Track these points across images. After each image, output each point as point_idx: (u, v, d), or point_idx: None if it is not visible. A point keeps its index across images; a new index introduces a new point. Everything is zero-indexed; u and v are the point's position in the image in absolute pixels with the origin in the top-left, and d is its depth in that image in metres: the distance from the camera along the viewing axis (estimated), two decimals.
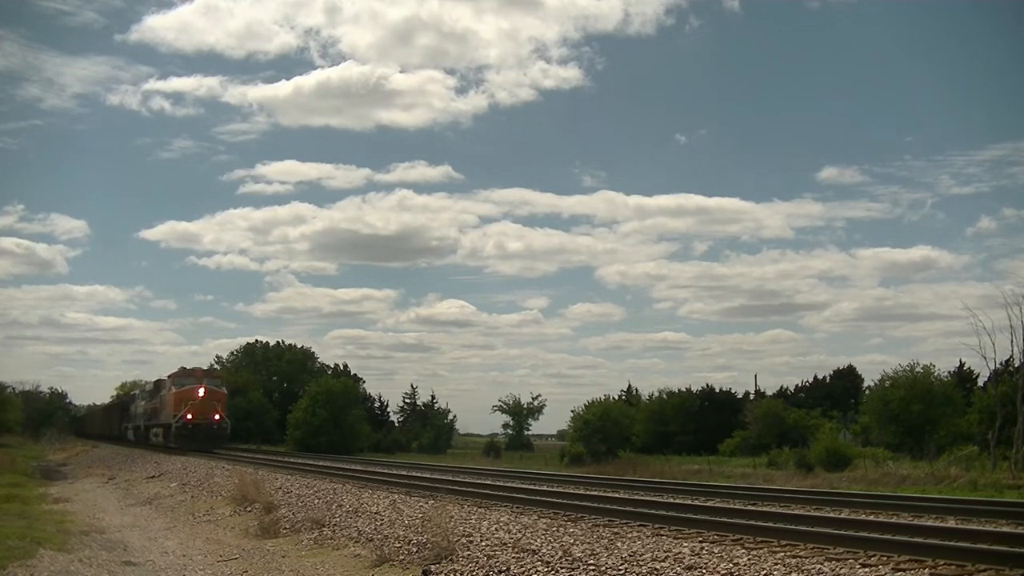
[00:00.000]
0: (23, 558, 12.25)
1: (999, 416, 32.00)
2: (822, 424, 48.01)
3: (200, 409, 40.76)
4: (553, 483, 22.64)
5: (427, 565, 10.64)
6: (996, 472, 27.14)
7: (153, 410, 47.22)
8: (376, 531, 13.34)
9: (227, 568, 12.52)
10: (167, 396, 42.90)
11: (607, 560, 9.59)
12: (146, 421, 49.06)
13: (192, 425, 40.42)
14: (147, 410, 49.37)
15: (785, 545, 10.16)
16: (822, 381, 68.33)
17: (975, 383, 50.64)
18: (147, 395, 50.42)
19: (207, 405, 41.17)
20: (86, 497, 24.71)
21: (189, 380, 42.82)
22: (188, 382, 42.54)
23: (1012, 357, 35.90)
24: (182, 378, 43.08)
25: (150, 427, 47.53)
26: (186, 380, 42.83)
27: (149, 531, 17.00)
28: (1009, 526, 12.03)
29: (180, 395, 41.25)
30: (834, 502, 15.94)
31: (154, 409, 46.84)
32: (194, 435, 40.21)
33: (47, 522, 17.30)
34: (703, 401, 61.22)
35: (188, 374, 43.68)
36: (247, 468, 23.33)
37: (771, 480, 27.87)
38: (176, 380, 42.80)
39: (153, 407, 47.38)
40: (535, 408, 74.17)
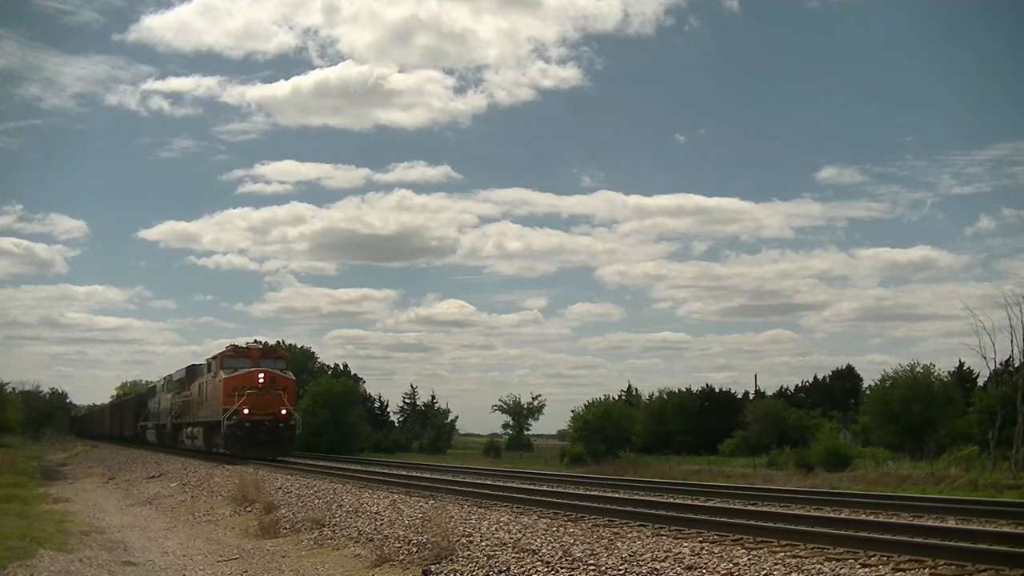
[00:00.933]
0: (23, 558, 12.24)
1: (999, 416, 31.99)
2: (822, 424, 48.01)
3: (260, 401, 30.96)
4: (553, 483, 22.64)
5: (427, 565, 10.64)
6: (996, 472, 27.12)
7: (186, 404, 38.16)
8: (376, 531, 13.33)
9: (227, 568, 12.52)
10: (212, 385, 33.22)
11: (607, 560, 9.59)
12: (176, 418, 40.20)
13: (250, 423, 30.64)
14: (177, 404, 40.09)
15: (785, 545, 10.16)
16: (822, 381, 68.33)
17: (975, 383, 50.62)
18: (176, 385, 40.95)
19: (269, 396, 31.23)
20: (86, 497, 24.71)
21: (243, 362, 32.55)
22: (242, 364, 32.35)
23: (1012, 357, 35.93)
24: (233, 359, 32.80)
25: (183, 426, 38.68)
26: (239, 362, 32.59)
27: (149, 531, 17.00)
28: (1009, 526, 12.03)
29: (232, 382, 31.18)
30: (834, 502, 15.94)
31: (188, 403, 37.82)
32: (253, 437, 30.63)
33: (47, 522, 17.30)
34: (703, 401, 61.19)
35: (242, 354, 33.26)
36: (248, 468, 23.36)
37: (771, 480, 27.87)
38: (225, 362, 32.57)
39: (186, 400, 38.25)
40: (535, 408, 74.25)
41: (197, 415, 35.66)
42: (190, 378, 37.88)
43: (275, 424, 31.21)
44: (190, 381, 37.73)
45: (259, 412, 30.91)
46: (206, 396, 34.18)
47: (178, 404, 39.85)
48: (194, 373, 37.48)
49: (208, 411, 33.58)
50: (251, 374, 31.56)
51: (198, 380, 36.09)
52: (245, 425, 30.55)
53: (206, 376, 34.65)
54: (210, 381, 33.58)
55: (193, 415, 36.59)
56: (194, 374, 37.43)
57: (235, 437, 30.68)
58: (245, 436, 30.56)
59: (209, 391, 33.71)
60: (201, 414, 34.91)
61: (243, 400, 30.61)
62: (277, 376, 32.09)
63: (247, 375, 31.52)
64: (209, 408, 33.49)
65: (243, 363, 32.46)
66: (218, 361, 33.05)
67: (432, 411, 73.02)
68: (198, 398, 35.64)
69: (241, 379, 31.28)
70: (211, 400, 33.19)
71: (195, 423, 36.04)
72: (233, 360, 32.76)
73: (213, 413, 32.48)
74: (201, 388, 35.19)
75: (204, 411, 34.34)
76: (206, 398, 34.17)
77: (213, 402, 32.67)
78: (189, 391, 37.65)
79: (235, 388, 30.95)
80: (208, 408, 33.64)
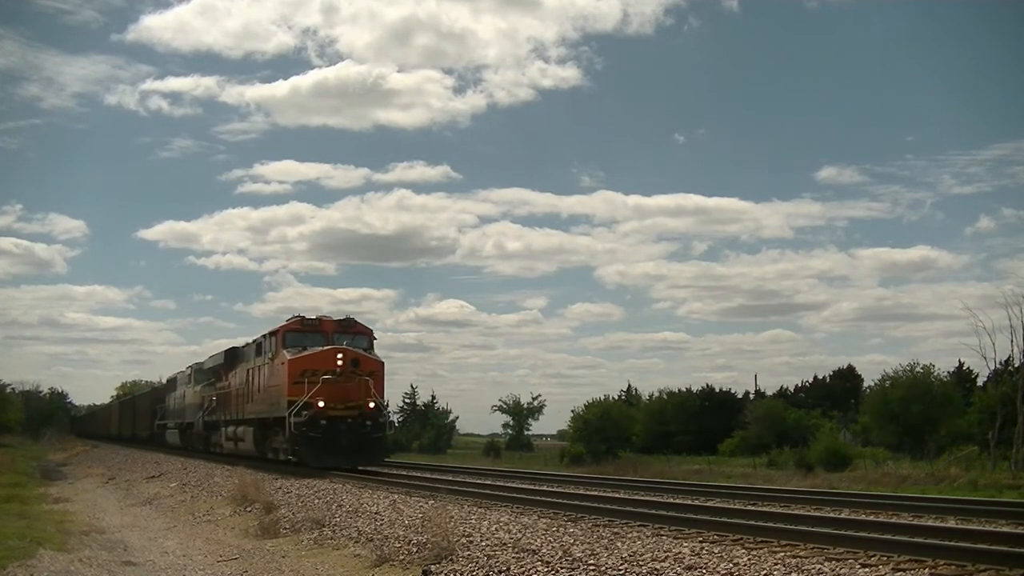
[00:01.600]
0: (23, 558, 12.24)
1: (999, 416, 32.00)
2: (822, 424, 48.04)
3: (340, 390, 23.32)
4: (553, 483, 22.64)
5: (427, 565, 10.64)
6: (996, 472, 27.14)
7: (224, 398, 31.04)
8: (376, 531, 13.33)
9: (227, 568, 12.52)
10: (269, 370, 25.59)
11: (607, 560, 9.59)
12: (208, 415, 33.20)
13: (327, 421, 23.09)
14: (210, 398, 33.00)
15: (785, 545, 10.16)
16: (822, 381, 68.37)
17: (975, 383, 50.65)
18: (208, 375, 34.00)
19: (352, 383, 23.50)
20: (86, 497, 24.70)
21: (313, 338, 24.91)
22: (312, 341, 24.77)
23: (1012, 357, 35.96)
24: (299, 334, 25.01)
25: (219, 425, 31.44)
26: (307, 338, 24.94)
27: (149, 531, 17.00)
28: (1009, 526, 12.03)
29: (300, 365, 23.58)
30: (834, 502, 15.94)
31: (226, 396, 30.69)
32: (331, 439, 22.99)
33: (47, 522, 17.29)
34: (703, 401, 61.22)
35: (311, 327, 25.26)
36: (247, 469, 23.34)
37: (771, 480, 27.87)
38: (288, 338, 24.89)
39: (223, 393, 31.14)
40: (535, 408, 74.28)
41: (242, 410, 28.46)
42: (230, 364, 30.67)
43: (360, 422, 23.43)
44: (229, 368, 30.65)
45: (339, 405, 23.27)
46: (259, 385, 26.70)
47: (212, 398, 32.83)
48: (236, 357, 30.26)
49: (262, 405, 26.11)
50: (326, 354, 23.66)
51: (243, 366, 28.86)
52: (320, 423, 22.96)
53: (255, 360, 27.29)
54: (265, 365, 26.05)
55: (235, 411, 29.35)
56: (236, 358, 30.21)
57: (306, 440, 22.97)
58: (320, 438, 22.91)
59: (264, 379, 26.18)
60: (250, 409, 27.52)
61: (316, 389, 22.96)
62: (361, 356, 24.04)
63: (321, 355, 23.68)
64: (264, 401, 25.96)
65: (313, 339, 24.78)
66: (278, 338, 25.10)
67: (432, 411, 73.05)
68: (243, 388, 28.39)
69: (312, 360, 23.58)
70: (268, 390, 25.62)
71: (238, 421, 28.83)
72: (299, 335, 24.90)
73: (271, 407, 25.13)
74: (250, 376, 27.70)
75: (255, 405, 26.98)
76: (259, 388, 26.59)
77: (271, 393, 25.21)
78: (227, 381, 30.81)
79: (304, 373, 23.34)
80: (262, 401, 26.15)
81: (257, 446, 27.08)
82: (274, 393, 24.89)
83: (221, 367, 31.88)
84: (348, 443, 23.20)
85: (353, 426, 23.43)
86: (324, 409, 23.08)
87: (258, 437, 26.99)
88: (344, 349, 23.84)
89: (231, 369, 30.58)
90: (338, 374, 23.31)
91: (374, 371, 24.34)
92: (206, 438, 34.28)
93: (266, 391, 25.82)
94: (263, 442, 26.69)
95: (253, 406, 27.32)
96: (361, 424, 23.54)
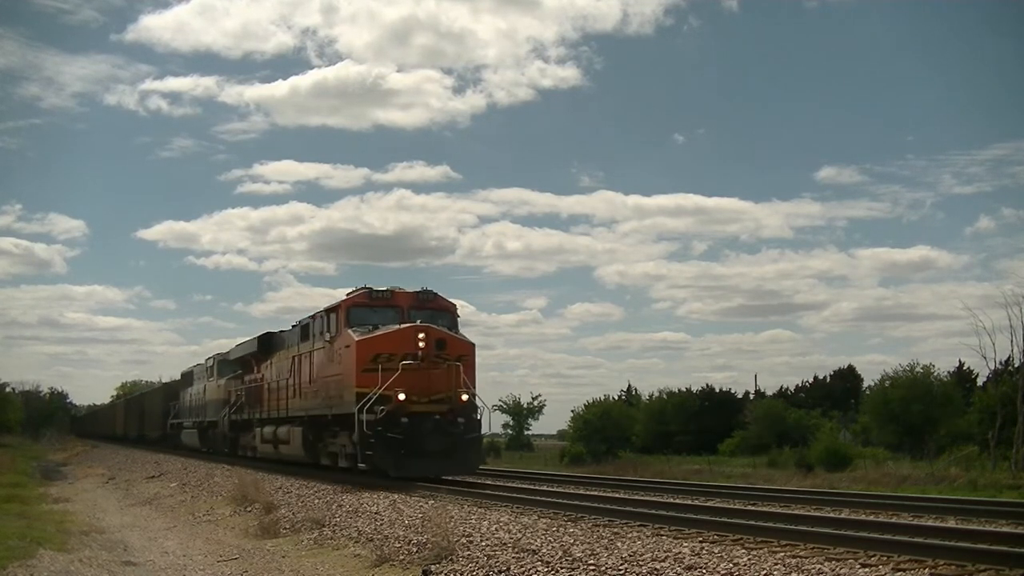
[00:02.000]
0: (23, 558, 12.25)
1: (999, 416, 32.00)
2: (822, 424, 48.05)
3: (424, 380, 19.07)
4: (553, 483, 22.64)
5: (427, 565, 10.64)
6: (996, 472, 27.13)
7: (255, 392, 27.01)
8: (376, 531, 13.34)
9: (227, 568, 12.53)
10: (327, 354, 20.98)
11: (607, 560, 9.59)
12: (236, 412, 29.14)
13: (409, 418, 18.77)
14: (238, 393, 29.06)
15: (785, 545, 10.16)
16: (822, 381, 68.41)
17: (975, 383, 50.65)
18: (234, 366, 30.25)
19: (439, 370, 19.27)
20: (86, 497, 24.71)
21: (385, 314, 20.26)
22: (384, 318, 20.14)
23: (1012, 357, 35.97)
24: (367, 310, 20.39)
25: (252, 424, 27.32)
26: (378, 314, 20.27)
27: (149, 531, 17.00)
28: (1009, 526, 12.03)
29: (371, 347, 19.16)
30: (834, 502, 15.94)
31: (258, 390, 26.71)
32: (417, 441, 18.75)
33: (47, 522, 17.30)
34: (703, 401, 61.23)
35: (382, 300, 20.50)
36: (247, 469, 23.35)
37: (771, 480, 27.86)
38: (354, 314, 20.28)
39: (255, 387, 27.09)
40: (535, 408, 74.21)
41: (284, 406, 23.99)
42: (264, 352, 26.54)
43: (451, 420, 19.10)
44: (264, 356, 26.58)
45: (423, 399, 18.98)
46: (309, 375, 22.17)
47: (240, 392, 28.87)
48: (273, 344, 26.06)
49: (315, 399, 21.65)
50: (405, 334, 19.14)
51: (282, 354, 24.81)
52: (400, 421, 18.57)
53: (301, 345, 22.87)
54: (319, 350, 21.52)
55: (274, 407, 24.94)
56: (273, 345, 26.04)
57: (383, 442, 18.44)
58: (401, 440, 18.53)
59: (316, 366, 21.69)
60: (296, 405, 23.09)
61: (395, 378, 18.61)
62: (447, 337, 19.69)
63: (398, 336, 19.17)
64: (318, 394, 21.45)
65: (384, 316, 20.16)
66: (340, 314, 20.40)
67: None
68: (285, 380, 23.97)
69: (388, 342, 19.11)
70: (324, 381, 21.09)
71: (279, 419, 24.39)
72: (366, 311, 20.27)
73: (328, 401, 20.78)
74: (295, 364, 23.26)
75: (303, 399, 22.50)
76: (309, 378, 22.16)
77: (330, 383, 20.65)
78: (260, 372, 26.85)
79: (377, 358, 18.91)
80: (315, 394, 21.67)
81: (307, 450, 22.45)
82: (334, 384, 20.38)
83: (253, 356, 27.71)
84: (436, 446, 18.86)
85: (442, 424, 18.96)
86: (406, 403, 18.68)
87: (308, 439, 22.32)
88: (427, 327, 19.36)
89: (266, 358, 26.46)
90: (421, 359, 18.95)
91: (463, 355, 19.82)
92: (233, 440, 30.01)
93: (321, 382, 21.32)
94: (315, 445, 22.15)
95: (300, 401, 22.80)
96: (452, 422, 19.08)
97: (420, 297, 20.90)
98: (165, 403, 43.95)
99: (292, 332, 24.43)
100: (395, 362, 18.90)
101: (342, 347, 20.13)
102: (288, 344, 24.66)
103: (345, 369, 19.80)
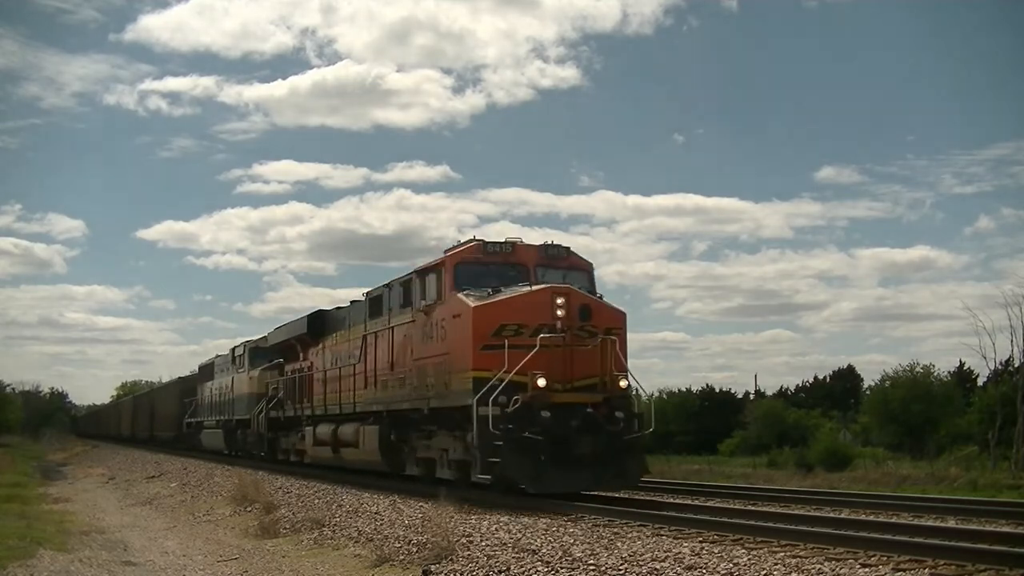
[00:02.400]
0: (23, 558, 12.26)
1: (999, 416, 32.00)
2: (822, 424, 48.03)
3: (568, 360, 14.71)
4: None
5: (427, 565, 10.64)
6: (996, 472, 27.12)
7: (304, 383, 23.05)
8: (376, 531, 13.34)
9: (227, 568, 12.53)
10: (422, 327, 16.39)
11: (607, 560, 9.59)
12: (276, 408, 25.03)
13: (554, 411, 14.30)
14: (276, 386, 25.42)
15: (785, 545, 10.16)
16: (822, 381, 68.38)
17: (975, 383, 50.65)
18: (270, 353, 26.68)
19: (586, 348, 14.82)
20: (86, 497, 24.72)
21: (504, 273, 15.71)
22: (502, 278, 15.55)
23: (1012, 357, 35.97)
24: (480, 267, 15.77)
25: (298, 422, 23.37)
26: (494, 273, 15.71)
27: (149, 531, 17.00)
28: (1009, 526, 12.04)
29: (493, 315, 14.69)
30: (834, 502, 15.94)
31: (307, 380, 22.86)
32: (564, 443, 14.28)
33: (47, 522, 17.30)
34: (703, 401, 61.15)
35: (499, 255, 15.91)
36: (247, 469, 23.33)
37: (771, 480, 27.84)
38: (461, 272, 15.66)
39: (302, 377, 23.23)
40: None
41: (352, 399, 19.46)
42: (315, 334, 22.64)
43: (607, 414, 14.67)
44: (315, 339, 22.66)
45: (567, 385, 14.63)
46: (391, 357, 17.52)
47: (281, 384, 24.96)
48: (326, 323, 22.29)
49: (404, 388, 16.92)
50: (539, 298, 14.71)
51: (339, 335, 21.05)
52: (540, 416, 14.15)
53: (372, 322, 18.62)
54: (411, 324, 16.65)
55: (331, 401, 20.75)
56: (326, 325, 22.27)
57: (516, 444, 13.97)
58: (542, 443, 14.05)
59: (400, 346, 17.17)
60: (367, 397, 18.61)
61: (530, 358, 14.21)
62: (592, 303, 15.17)
63: (529, 300, 14.74)
64: (406, 382, 16.82)
65: (502, 275, 15.47)
66: (446, 273, 15.61)
67: None
68: (351, 366, 19.53)
69: (515, 308, 14.67)
70: (418, 363, 16.29)
71: (340, 416, 20.15)
72: (479, 270, 15.56)
73: (425, 390, 16.05)
74: (367, 345, 18.72)
75: (383, 390, 17.89)
76: (392, 361, 17.47)
77: (430, 366, 15.87)
78: (308, 360, 23.00)
79: (501, 330, 14.48)
80: (404, 383, 16.93)
81: (386, 455, 17.98)
82: (433, 367, 15.61)
83: (298, 340, 23.68)
84: (588, 449, 14.18)
85: (595, 420, 14.31)
86: (546, 391, 14.07)
87: (387, 440, 17.86)
88: (568, 289, 14.80)
89: (316, 342, 22.45)
90: (561, 332, 14.37)
91: (613, 328, 15.06)
92: (271, 440, 25.70)
93: (411, 366, 16.54)
94: (398, 448, 17.77)
95: (375, 392, 18.20)
96: (608, 416, 14.46)
97: (549, 252, 16.06)
98: (180, 400, 40.19)
99: (355, 308, 20.42)
100: (525, 335, 14.29)
101: (448, 317, 15.23)
102: (349, 323, 20.58)
103: (454, 346, 15.01)
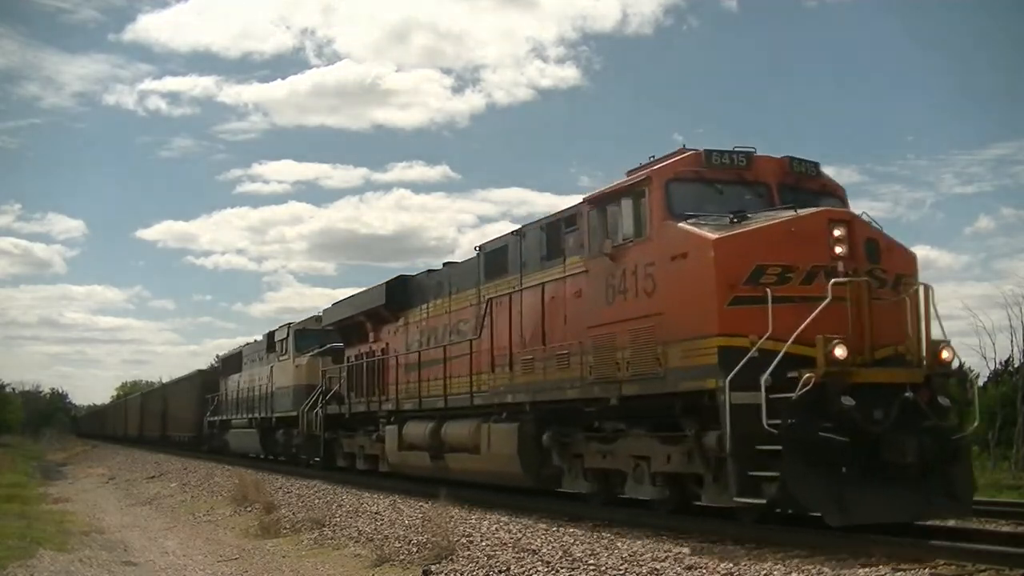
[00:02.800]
0: (23, 558, 12.25)
1: (999, 416, 31.99)
2: None
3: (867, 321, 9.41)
4: None
5: (427, 565, 10.64)
6: (996, 472, 27.12)
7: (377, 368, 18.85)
8: (376, 531, 13.35)
9: (227, 568, 12.52)
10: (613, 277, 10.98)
11: (607, 560, 9.58)
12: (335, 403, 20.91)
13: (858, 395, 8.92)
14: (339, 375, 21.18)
15: (785, 545, 10.13)
16: None
17: None
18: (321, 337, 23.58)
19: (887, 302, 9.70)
20: (86, 497, 24.73)
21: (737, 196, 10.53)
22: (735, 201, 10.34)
23: (1012, 357, 35.91)
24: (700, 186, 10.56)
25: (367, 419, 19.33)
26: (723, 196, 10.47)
27: (149, 531, 17.00)
28: (1009, 526, 12.02)
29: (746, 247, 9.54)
30: None
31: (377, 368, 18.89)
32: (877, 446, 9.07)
33: (47, 522, 17.30)
34: None
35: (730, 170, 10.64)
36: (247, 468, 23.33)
37: None
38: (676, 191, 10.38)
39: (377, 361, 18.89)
40: None
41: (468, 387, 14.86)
42: (398, 307, 18.19)
43: (930, 399, 9.64)
44: (396, 313, 18.30)
45: (868, 358, 9.57)
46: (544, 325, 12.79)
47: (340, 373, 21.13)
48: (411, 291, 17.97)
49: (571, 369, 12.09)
50: (808, 226, 9.84)
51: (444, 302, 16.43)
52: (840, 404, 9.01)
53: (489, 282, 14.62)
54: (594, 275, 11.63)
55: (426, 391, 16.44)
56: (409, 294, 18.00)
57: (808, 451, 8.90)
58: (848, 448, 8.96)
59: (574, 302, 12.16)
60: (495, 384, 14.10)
61: (816, 315, 9.17)
62: (881, 239, 10.40)
63: (795, 230, 9.82)
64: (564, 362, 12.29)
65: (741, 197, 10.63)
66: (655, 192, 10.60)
67: None
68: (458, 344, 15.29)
69: (773, 243, 9.75)
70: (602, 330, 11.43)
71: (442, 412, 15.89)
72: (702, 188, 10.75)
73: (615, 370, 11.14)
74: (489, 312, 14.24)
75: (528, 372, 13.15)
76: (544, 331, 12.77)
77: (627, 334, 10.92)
78: (380, 340, 19.04)
79: (759, 272, 9.58)
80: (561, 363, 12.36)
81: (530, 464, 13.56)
82: (636, 335, 10.82)
83: (370, 315, 19.16)
84: (912, 456, 9.29)
85: (917, 410, 9.58)
86: (845, 365, 9.28)
87: (531, 443, 13.40)
88: (847, 214, 10.45)
89: (397, 316, 18.16)
90: (855, 276, 9.75)
91: (905, 276, 10.39)
92: (328, 443, 21.45)
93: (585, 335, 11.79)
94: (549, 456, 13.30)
95: (513, 376, 13.58)
96: (933, 405, 9.72)
97: (795, 167, 11.24)
98: (199, 396, 35.34)
99: (457, 269, 16.36)
100: (795, 283, 9.69)
101: (661, 259, 10.47)
102: (450, 288, 16.15)
103: (676, 302, 10.22)
